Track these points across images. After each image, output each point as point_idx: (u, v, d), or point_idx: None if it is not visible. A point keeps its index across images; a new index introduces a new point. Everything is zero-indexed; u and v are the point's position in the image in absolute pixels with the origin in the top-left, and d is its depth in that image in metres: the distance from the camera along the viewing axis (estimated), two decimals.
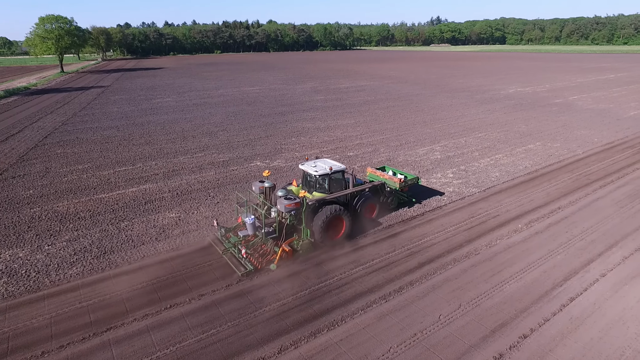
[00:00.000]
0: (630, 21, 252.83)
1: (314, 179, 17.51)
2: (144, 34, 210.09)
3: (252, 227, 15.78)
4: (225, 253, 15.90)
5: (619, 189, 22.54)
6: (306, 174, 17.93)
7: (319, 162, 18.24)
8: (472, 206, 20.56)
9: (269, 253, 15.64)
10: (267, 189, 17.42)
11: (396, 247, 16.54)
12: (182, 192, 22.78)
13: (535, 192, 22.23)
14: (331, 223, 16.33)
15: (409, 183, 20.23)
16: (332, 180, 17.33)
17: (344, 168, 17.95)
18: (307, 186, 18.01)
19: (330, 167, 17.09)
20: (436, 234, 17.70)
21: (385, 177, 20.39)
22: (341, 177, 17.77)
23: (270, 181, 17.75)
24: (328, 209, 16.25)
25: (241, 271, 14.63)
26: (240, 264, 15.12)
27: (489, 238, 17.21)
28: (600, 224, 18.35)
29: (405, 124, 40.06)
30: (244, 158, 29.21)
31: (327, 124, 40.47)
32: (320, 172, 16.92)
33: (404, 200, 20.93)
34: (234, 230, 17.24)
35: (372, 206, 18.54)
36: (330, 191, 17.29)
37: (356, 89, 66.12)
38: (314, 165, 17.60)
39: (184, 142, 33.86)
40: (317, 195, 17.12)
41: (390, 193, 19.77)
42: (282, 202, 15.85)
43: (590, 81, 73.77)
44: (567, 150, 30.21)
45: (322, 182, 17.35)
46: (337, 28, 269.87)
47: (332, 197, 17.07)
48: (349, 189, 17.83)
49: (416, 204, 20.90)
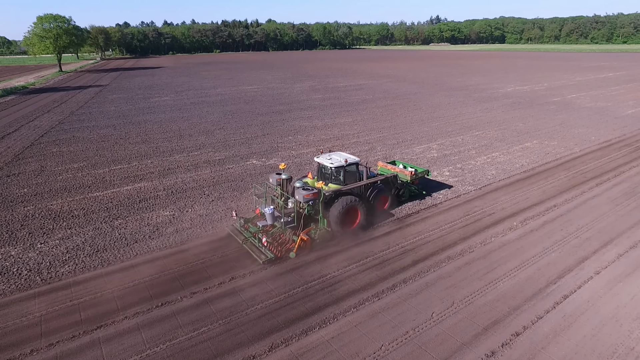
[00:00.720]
0: (629, 20, 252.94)
1: (329, 171, 17.96)
2: (143, 33, 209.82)
3: (271, 217, 16.27)
4: (245, 242, 16.34)
5: (615, 187, 22.47)
6: (321, 166, 18.41)
7: (333, 154, 18.74)
8: (467, 204, 20.49)
9: (287, 242, 16.06)
10: (284, 180, 18.03)
11: (390, 245, 16.47)
12: (177, 191, 22.70)
13: (531, 190, 22.16)
14: (347, 213, 16.86)
15: (420, 176, 21.02)
16: (347, 172, 17.90)
17: (359, 160, 18.43)
18: (322, 178, 18.49)
19: (345, 160, 17.63)
20: (431, 231, 17.62)
21: (397, 170, 20.95)
22: (355, 169, 18.29)
23: (286, 173, 18.34)
24: (344, 199, 16.77)
25: (262, 259, 15.07)
26: (261, 252, 15.52)
27: (484, 236, 17.14)
28: (595, 221, 18.28)
29: (402, 122, 39.97)
30: (240, 156, 29.12)
31: (324, 122, 40.38)
32: (336, 164, 17.47)
33: (414, 192, 21.34)
34: (253, 220, 17.69)
35: (384, 198, 19.22)
36: (345, 183, 17.87)
37: (354, 88, 66.02)
38: (329, 158, 18.09)
39: (180, 140, 33.77)
40: (333, 187, 17.55)
41: (402, 185, 20.39)
42: (300, 193, 16.37)
43: (589, 80, 73.72)
44: (564, 149, 30.14)
45: (337, 174, 17.88)
46: (336, 27, 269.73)
47: (348, 189, 17.59)
48: (363, 181, 18.36)
49: (426, 196, 21.40)
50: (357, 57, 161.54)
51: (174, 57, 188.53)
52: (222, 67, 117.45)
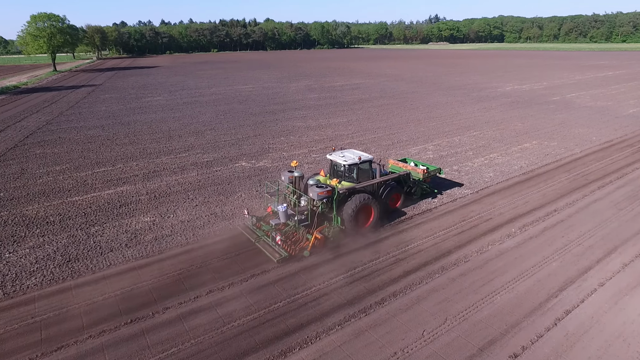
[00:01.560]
0: (628, 19, 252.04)
1: (342, 168, 17.76)
2: (140, 32, 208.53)
3: (284, 215, 16.04)
4: (258, 241, 16.03)
5: (618, 190, 21.53)
6: (334, 164, 18.27)
7: (346, 152, 18.52)
8: (463, 209, 19.52)
9: (301, 240, 15.74)
10: (297, 178, 17.75)
11: (381, 254, 15.50)
12: (160, 195, 21.70)
13: (531, 194, 21.20)
14: (360, 211, 16.61)
15: (432, 174, 20.78)
16: (361, 170, 17.77)
17: (372, 158, 18.28)
18: (335, 176, 18.29)
19: (359, 157, 17.47)
20: (424, 239, 16.65)
21: (409, 168, 20.72)
22: (369, 167, 18.14)
23: (299, 171, 18.10)
24: (358, 197, 16.53)
25: (276, 257, 14.80)
26: (274, 251, 15.20)
27: (480, 243, 16.17)
28: (598, 227, 17.32)
29: (398, 122, 38.99)
30: (229, 158, 28.12)
31: (318, 122, 39.39)
32: (350, 161, 17.29)
33: (426, 191, 20.97)
34: (265, 219, 17.34)
35: (397, 196, 19.08)
36: (359, 180, 17.70)
37: (351, 87, 65.03)
38: (342, 156, 17.88)
39: (169, 141, 32.76)
40: (346, 185, 17.28)
41: (414, 183, 20.04)
42: (314, 190, 16.13)
43: (589, 79, 72.80)
44: (564, 149, 29.18)
45: (350, 172, 17.69)
46: (335, 26, 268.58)
47: (361, 187, 17.35)
48: (376, 179, 18.16)
49: (438, 194, 21.12)
50: (355, 56, 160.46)
51: (171, 57, 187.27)
52: (218, 67, 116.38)
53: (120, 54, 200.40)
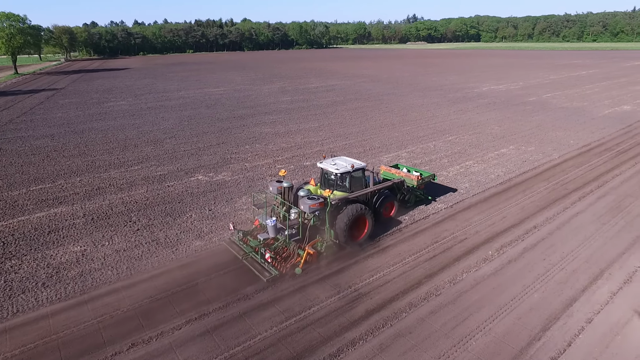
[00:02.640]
0: (598, 19, 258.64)
1: (334, 177, 16.72)
2: (111, 33, 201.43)
3: (273, 230, 14.88)
4: (245, 258, 14.85)
5: (599, 200, 20.15)
6: (325, 172, 17.19)
7: (337, 159, 17.51)
8: (436, 227, 17.72)
9: (292, 256, 14.70)
10: (286, 189, 16.51)
11: (341, 288, 13.49)
12: (98, 217, 19.16)
13: (509, 207, 19.59)
14: (354, 223, 15.61)
15: (426, 180, 19.83)
16: (353, 178, 16.74)
17: (365, 165, 17.26)
18: (326, 185, 17.24)
19: (352, 165, 16.47)
20: (392, 267, 14.73)
21: (402, 175, 19.75)
22: (362, 175, 17.19)
23: (288, 181, 16.93)
24: (351, 208, 15.47)
25: (266, 277, 13.73)
26: (264, 269, 14.14)
27: (454, 271, 14.35)
28: (581, 247, 15.77)
29: (372, 126, 37.20)
30: (185, 171, 25.69)
31: (288, 128, 37.24)
32: (342, 170, 16.29)
33: (420, 198, 20.13)
34: (252, 233, 16.17)
35: (391, 205, 18.05)
36: (352, 190, 16.65)
37: (326, 89, 63.08)
38: (334, 163, 16.86)
39: (122, 152, 30.03)
40: (339, 195, 16.20)
41: (408, 191, 19.18)
42: (305, 203, 15.02)
43: (563, 78, 72.90)
44: (542, 155, 27.87)
45: (342, 181, 16.65)
46: (313, 26, 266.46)
47: (355, 196, 16.34)
48: (370, 187, 17.16)
49: (432, 201, 20.33)
50: (333, 57, 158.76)
51: (144, 58, 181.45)
52: (192, 68, 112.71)
53: (90, 55, 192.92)
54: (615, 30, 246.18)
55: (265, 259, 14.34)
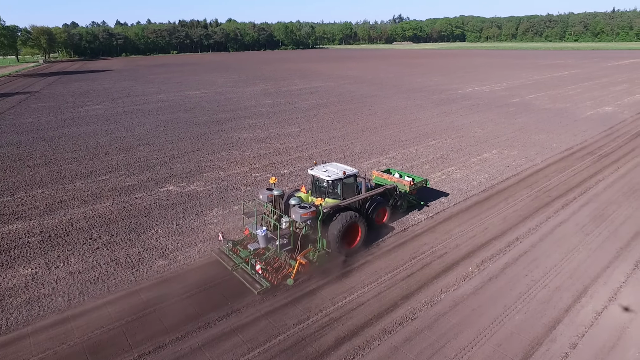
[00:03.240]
0: (579, 19, 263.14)
1: (325, 184, 16.35)
2: (92, 34, 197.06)
3: (264, 240, 14.42)
4: (235, 269, 14.42)
5: (582, 208, 19.59)
6: (316, 179, 16.82)
7: (328, 166, 17.17)
8: (415, 241, 16.89)
9: (283, 267, 14.30)
10: (276, 197, 16.10)
11: (312, 312, 12.54)
12: (57, 234, 17.86)
13: (491, 217, 18.89)
14: (347, 231, 15.30)
15: (418, 185, 19.57)
16: (345, 185, 16.47)
17: (357, 172, 16.97)
18: (317, 192, 16.88)
19: (343, 172, 16.17)
20: (367, 287, 13.83)
21: (394, 180, 19.45)
22: (354, 181, 16.94)
23: (279, 189, 16.47)
24: (344, 216, 15.20)
25: (257, 289, 13.39)
26: (254, 281, 13.75)
27: (432, 291, 13.51)
28: (565, 261, 15.10)
29: (353, 131, 36.36)
30: (155, 181, 24.44)
31: (267, 133, 36.16)
32: (333, 177, 15.99)
33: (412, 203, 19.85)
34: (242, 243, 15.89)
35: (383, 211, 17.69)
36: (343, 197, 16.36)
37: (309, 91, 62.10)
38: (325, 170, 16.55)
39: (91, 161, 28.59)
40: (330, 202, 15.88)
41: (401, 196, 18.80)
42: (297, 211, 14.56)
43: (546, 78, 73.23)
44: (525, 159, 27.35)
45: (334, 188, 16.34)
46: (299, 27, 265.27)
47: (347, 204, 15.94)
48: (362, 194, 16.86)
49: (424, 206, 20.06)
50: (318, 57, 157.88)
51: (127, 59, 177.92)
52: (174, 70, 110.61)
53: (71, 56, 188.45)
54: (596, 31, 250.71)
55: (256, 270, 13.93)
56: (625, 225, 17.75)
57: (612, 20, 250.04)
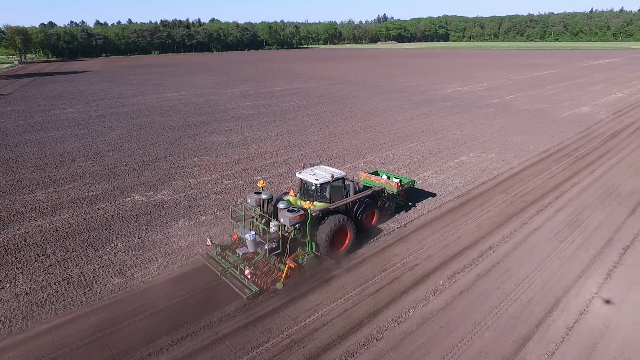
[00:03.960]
0: (559, 19, 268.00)
1: (313, 187, 16.32)
2: (70, 33, 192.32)
3: (252, 244, 14.44)
4: (224, 274, 14.38)
5: (557, 214, 19.30)
6: (304, 183, 16.79)
7: (316, 169, 17.28)
8: (386, 252, 16.30)
9: (272, 271, 14.25)
10: (265, 200, 15.95)
11: (272, 334, 11.82)
12: (7, 251, 16.74)
13: (465, 224, 18.43)
14: (336, 234, 15.37)
15: (406, 187, 19.65)
16: (334, 188, 16.46)
17: (345, 175, 17.06)
18: (305, 196, 16.89)
19: (332, 175, 16.24)
20: (332, 304, 13.16)
21: (382, 182, 19.54)
22: (342, 184, 16.97)
23: (267, 192, 16.30)
24: (332, 219, 15.19)
25: (246, 294, 13.31)
26: (244, 286, 13.68)
27: (400, 307, 12.93)
28: (537, 270, 14.69)
29: (332, 134, 35.73)
30: (121, 190, 23.38)
31: (243, 137, 35.26)
32: (322, 180, 16.02)
33: (400, 205, 20.00)
34: (231, 247, 15.80)
35: (372, 213, 17.74)
36: (332, 200, 16.38)
37: (290, 92, 61.28)
38: (313, 174, 16.57)
39: (56, 168, 27.31)
40: (319, 205, 15.94)
41: (389, 198, 18.79)
42: (285, 215, 14.53)
43: (526, 78, 73.84)
44: (502, 163, 27.10)
45: (322, 191, 16.36)
46: (283, 26, 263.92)
47: (335, 207, 16.03)
48: (351, 197, 16.96)
49: (412, 207, 20.27)
50: (302, 57, 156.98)
51: (106, 60, 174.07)
52: (154, 71, 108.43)
53: (48, 57, 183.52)
54: (575, 30, 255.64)
55: (245, 275, 13.81)
56: (598, 231, 17.49)
57: (590, 20, 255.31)
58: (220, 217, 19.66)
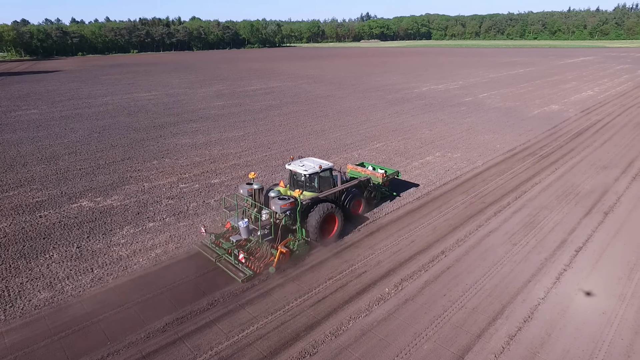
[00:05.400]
0: (538, 18, 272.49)
1: (303, 178, 17.12)
2: (44, 32, 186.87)
3: (246, 231, 15.15)
4: (219, 260, 15.14)
5: (514, 215, 19.00)
6: (294, 174, 17.63)
7: (305, 160, 18.03)
8: (336, 258, 15.68)
9: (265, 256, 14.96)
10: (256, 190, 16.99)
11: (200, 351, 11.07)
12: None
13: (420, 228, 17.97)
14: (325, 221, 16.21)
15: (390, 177, 20.58)
16: (322, 178, 17.33)
17: (332, 165, 17.90)
18: (295, 186, 17.66)
19: (319, 166, 17.05)
20: (271, 316, 12.48)
21: (368, 173, 20.51)
22: (330, 175, 17.77)
23: (258, 183, 17.38)
24: (321, 207, 16.08)
25: (240, 277, 14.06)
26: (238, 270, 14.43)
27: (341, 318, 12.32)
28: (487, 276, 14.28)
29: (300, 134, 35.03)
30: (69, 195, 22.25)
31: (209, 138, 34.29)
32: (310, 171, 16.82)
33: (385, 194, 21.06)
34: (225, 235, 16.48)
35: (358, 202, 18.65)
36: (320, 190, 17.24)
37: (264, 92, 60.33)
38: (302, 165, 17.36)
39: (4, 173, 25.92)
40: (308, 195, 16.78)
41: (375, 188, 19.78)
42: (276, 203, 15.54)
43: (502, 76, 74.37)
44: (466, 162, 26.82)
45: (311, 181, 17.17)
46: (265, 25, 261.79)
47: (324, 196, 16.97)
48: (338, 186, 17.84)
49: (397, 197, 21.28)
50: (283, 56, 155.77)
51: (82, 59, 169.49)
52: (130, 70, 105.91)
53: (21, 56, 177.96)
54: (553, 29, 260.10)
55: (239, 260, 14.52)
56: (553, 232, 17.23)
57: (568, 19, 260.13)
58: (168, 223, 18.79)
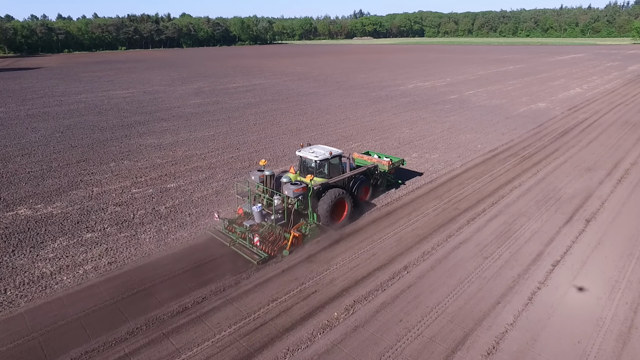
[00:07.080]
0: (530, 15, 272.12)
1: (313, 164, 17.53)
2: (29, 28, 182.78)
3: (259, 216, 15.71)
4: (233, 244, 15.35)
5: (489, 224, 17.41)
6: (304, 160, 18.00)
7: (315, 147, 18.35)
8: (285, 275, 13.98)
9: (279, 240, 15.29)
10: (268, 177, 17.45)
11: None
12: None
13: (384, 239, 16.32)
14: (335, 206, 16.62)
15: (396, 165, 21.14)
16: (331, 165, 17.67)
17: (342, 152, 18.34)
18: (305, 172, 18.02)
19: (330, 152, 17.48)
20: (196, 348, 10.74)
21: (374, 161, 20.83)
22: (339, 161, 18.12)
23: (269, 169, 17.93)
24: (332, 192, 16.50)
25: (255, 260, 14.29)
26: (253, 253, 14.68)
27: (276, 350, 10.63)
28: (451, 297, 12.66)
29: (273, 133, 33.25)
30: (7, 203, 20.28)
31: (177, 137, 32.41)
32: (320, 157, 17.20)
33: (391, 182, 21.53)
34: (238, 221, 16.83)
35: (366, 189, 19.28)
36: (330, 176, 17.58)
37: (246, 89, 58.40)
38: (312, 152, 17.73)
39: None
40: (319, 180, 17.16)
41: (381, 175, 20.25)
42: (289, 188, 15.85)
43: (490, 73, 73.00)
44: (444, 164, 25.22)
45: (321, 167, 17.53)
46: (256, 21, 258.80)
47: (334, 181, 17.33)
48: (347, 172, 18.14)
49: (401, 185, 21.73)
50: (273, 53, 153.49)
51: (67, 56, 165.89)
52: (114, 67, 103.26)
53: (5, 52, 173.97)
54: (545, 26, 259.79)
55: (254, 243, 14.86)
56: (529, 243, 15.67)
57: (560, 16, 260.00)
58: (108, 233, 16.99)
